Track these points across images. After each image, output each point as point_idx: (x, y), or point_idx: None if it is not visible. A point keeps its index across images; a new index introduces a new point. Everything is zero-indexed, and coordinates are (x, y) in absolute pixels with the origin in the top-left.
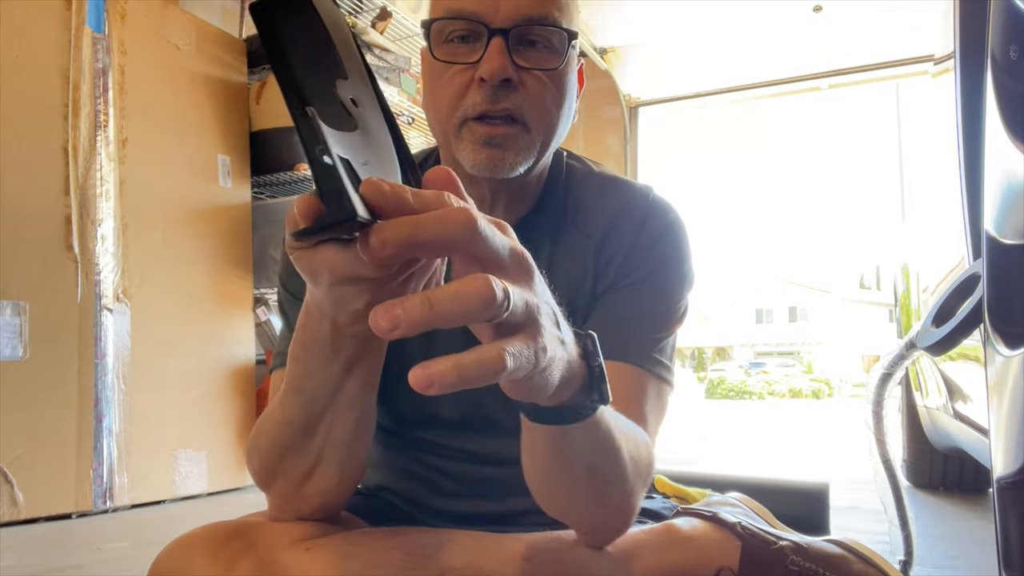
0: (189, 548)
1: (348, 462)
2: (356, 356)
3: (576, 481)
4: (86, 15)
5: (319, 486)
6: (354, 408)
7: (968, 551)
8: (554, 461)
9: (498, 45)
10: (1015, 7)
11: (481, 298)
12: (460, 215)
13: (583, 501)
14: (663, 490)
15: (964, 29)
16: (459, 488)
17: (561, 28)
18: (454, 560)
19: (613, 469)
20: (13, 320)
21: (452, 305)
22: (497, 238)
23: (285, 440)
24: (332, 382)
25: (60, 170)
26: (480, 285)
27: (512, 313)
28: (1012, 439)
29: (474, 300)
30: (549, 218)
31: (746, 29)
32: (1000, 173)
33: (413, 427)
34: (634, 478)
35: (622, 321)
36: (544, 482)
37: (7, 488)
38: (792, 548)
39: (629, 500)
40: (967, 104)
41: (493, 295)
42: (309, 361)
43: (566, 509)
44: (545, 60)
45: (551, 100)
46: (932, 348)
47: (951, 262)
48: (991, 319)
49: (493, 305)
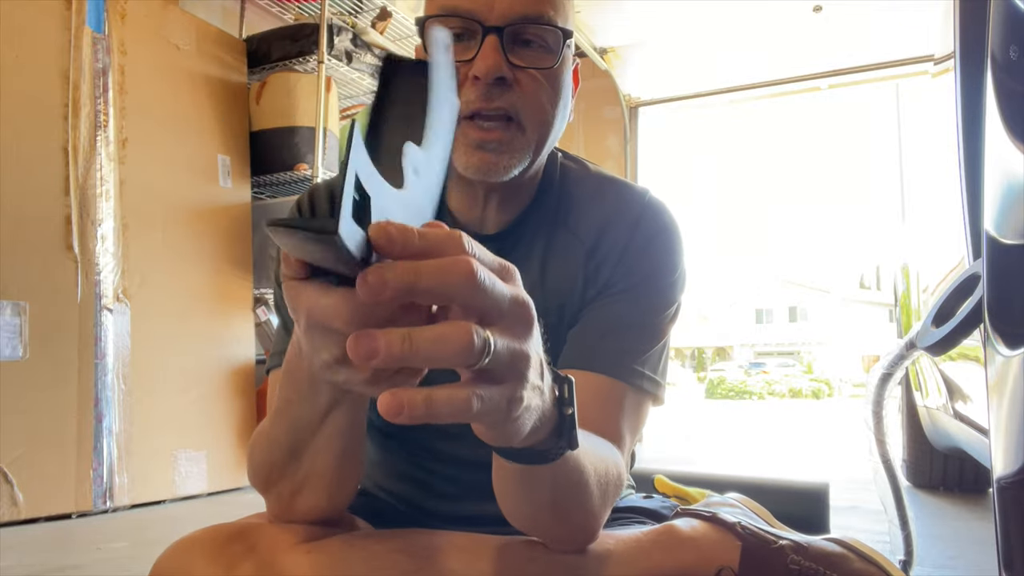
0: (190, 550)
1: (335, 488)
2: (338, 398)
3: (539, 506)
4: (86, 15)
5: (308, 504)
6: (339, 440)
7: (968, 551)
8: (519, 489)
9: (492, 43)
10: (1015, 7)
11: (460, 346)
12: (461, 267)
13: (545, 522)
14: (663, 490)
15: (964, 29)
16: (458, 491)
17: (556, 27)
18: (455, 562)
19: (577, 496)
20: (13, 320)
21: (430, 347)
22: (498, 288)
23: (274, 458)
24: (316, 416)
25: (60, 170)
26: (462, 334)
27: (494, 362)
28: (1012, 439)
29: (453, 347)
30: (542, 219)
31: (746, 29)
32: (1000, 173)
33: (410, 432)
34: (599, 502)
35: (607, 332)
36: (508, 501)
37: (7, 488)
38: (792, 547)
39: (594, 520)
40: (967, 104)
41: (471, 346)
42: (292, 391)
43: (528, 527)
44: (540, 59)
45: (546, 99)
46: (932, 348)
47: (951, 262)
48: (991, 319)
49: (471, 354)
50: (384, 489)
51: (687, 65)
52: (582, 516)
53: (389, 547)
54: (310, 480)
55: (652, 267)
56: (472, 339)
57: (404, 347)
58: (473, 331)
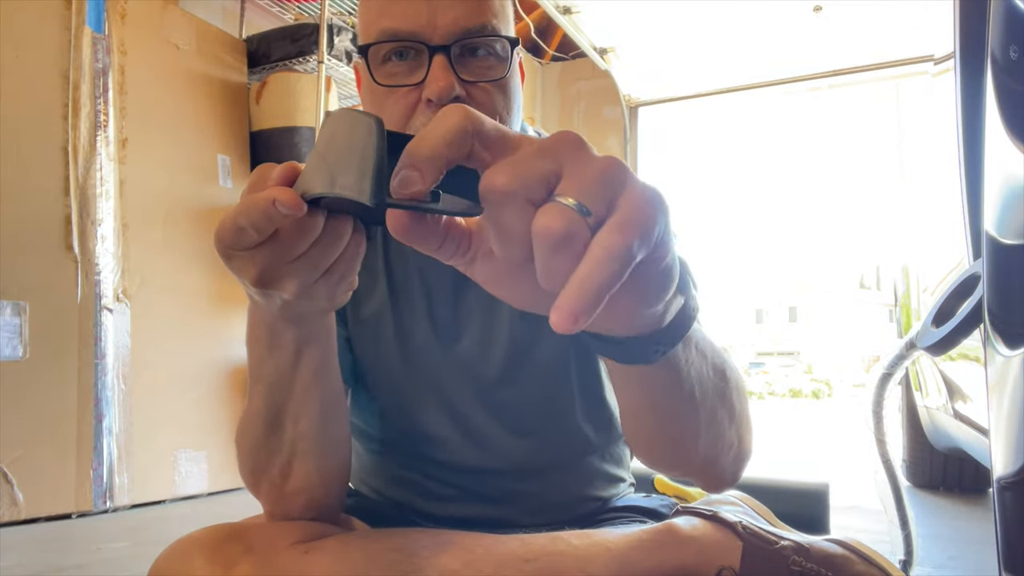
0: (188, 550)
1: (323, 457)
2: (301, 340)
3: (687, 402)
4: (86, 15)
5: (299, 482)
6: (313, 396)
7: (968, 551)
8: (668, 389)
9: (441, 63)
10: (1015, 7)
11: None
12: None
13: (698, 423)
14: (663, 490)
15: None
16: (453, 493)
17: (502, 36)
18: (453, 562)
19: (717, 375)
20: (13, 320)
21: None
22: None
23: (258, 433)
24: (284, 367)
25: (60, 170)
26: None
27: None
28: (1012, 439)
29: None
30: None
31: (746, 29)
32: (1000, 173)
33: (404, 442)
34: (736, 388)
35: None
36: (652, 419)
37: (7, 488)
38: (793, 548)
39: (744, 416)
40: (967, 104)
41: (465, 123)
42: (259, 347)
43: (680, 439)
44: (491, 69)
45: (502, 107)
46: (932, 348)
47: (951, 262)
48: (991, 319)
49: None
50: (379, 492)
51: (687, 65)
52: (734, 406)
53: (386, 546)
54: (297, 446)
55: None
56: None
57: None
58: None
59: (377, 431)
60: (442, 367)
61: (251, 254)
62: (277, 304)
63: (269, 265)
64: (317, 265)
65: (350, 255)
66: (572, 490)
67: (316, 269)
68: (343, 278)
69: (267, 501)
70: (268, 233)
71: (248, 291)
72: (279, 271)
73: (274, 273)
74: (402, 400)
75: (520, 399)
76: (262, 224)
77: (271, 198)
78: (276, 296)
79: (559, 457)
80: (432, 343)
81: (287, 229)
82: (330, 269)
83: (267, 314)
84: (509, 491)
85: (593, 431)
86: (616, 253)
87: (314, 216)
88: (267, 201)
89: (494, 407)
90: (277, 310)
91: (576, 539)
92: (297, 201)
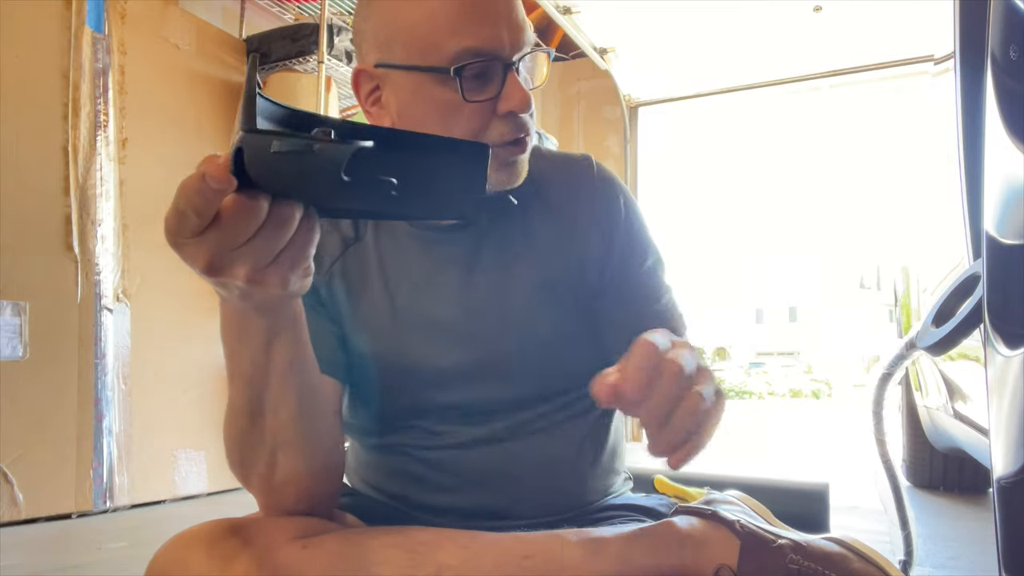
0: (186, 545)
1: (308, 447)
2: (270, 330)
3: None
4: (86, 15)
5: (286, 473)
6: (290, 385)
7: (968, 551)
8: None
9: (517, 78)
10: (1015, 7)
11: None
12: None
13: None
14: (662, 490)
15: (964, 29)
16: (455, 481)
17: (547, 49)
18: (451, 558)
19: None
20: (13, 320)
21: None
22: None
23: (241, 426)
24: (258, 359)
25: (60, 170)
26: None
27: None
28: (1012, 439)
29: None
30: (523, 202)
31: (746, 29)
32: (1000, 173)
33: (405, 419)
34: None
35: (649, 299)
36: None
37: (7, 488)
38: (791, 546)
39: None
40: (967, 104)
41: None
42: (232, 339)
43: None
44: (538, 78)
45: (536, 108)
46: (932, 348)
47: (951, 262)
48: (991, 319)
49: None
50: (376, 488)
51: (687, 65)
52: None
53: (384, 542)
54: (279, 436)
55: (629, 222)
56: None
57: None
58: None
59: (379, 429)
60: (441, 343)
61: (198, 241)
62: (235, 294)
63: (217, 251)
64: (265, 251)
65: (300, 241)
66: (569, 481)
67: (265, 255)
68: (295, 264)
69: (259, 493)
70: (209, 216)
71: (206, 282)
72: (227, 257)
73: (223, 260)
74: (399, 352)
75: (522, 365)
76: (198, 203)
77: (200, 174)
78: (231, 285)
79: (556, 401)
80: (431, 323)
81: (230, 214)
82: (280, 255)
83: (233, 307)
84: (507, 473)
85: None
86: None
87: (255, 199)
88: (197, 178)
89: (493, 362)
90: (236, 300)
91: (574, 536)
92: (225, 173)
